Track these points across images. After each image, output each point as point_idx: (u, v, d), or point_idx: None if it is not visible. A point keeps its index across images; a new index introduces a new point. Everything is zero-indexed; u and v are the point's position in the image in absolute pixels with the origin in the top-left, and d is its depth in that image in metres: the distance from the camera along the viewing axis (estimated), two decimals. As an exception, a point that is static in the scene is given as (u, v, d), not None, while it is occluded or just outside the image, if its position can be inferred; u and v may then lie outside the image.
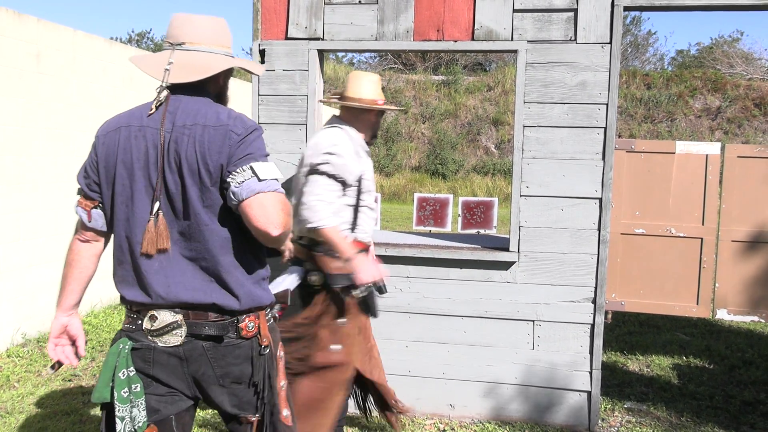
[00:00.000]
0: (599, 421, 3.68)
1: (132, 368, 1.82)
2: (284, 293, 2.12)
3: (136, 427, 1.81)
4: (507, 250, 3.58)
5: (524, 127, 3.51)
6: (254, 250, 1.90)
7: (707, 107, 20.65)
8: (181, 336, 1.83)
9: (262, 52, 3.70)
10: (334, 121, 2.97)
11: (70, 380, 4.20)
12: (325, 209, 2.70)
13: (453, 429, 3.56)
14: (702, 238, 3.43)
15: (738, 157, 3.40)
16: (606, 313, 3.55)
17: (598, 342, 3.50)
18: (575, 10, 3.44)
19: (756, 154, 3.38)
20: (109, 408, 1.84)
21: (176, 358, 1.84)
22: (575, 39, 3.45)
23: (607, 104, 3.42)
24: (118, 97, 6.04)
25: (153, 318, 1.83)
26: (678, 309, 3.48)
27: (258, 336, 1.89)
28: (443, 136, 20.05)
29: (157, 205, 1.80)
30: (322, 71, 3.75)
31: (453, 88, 21.73)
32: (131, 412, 1.80)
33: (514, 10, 3.49)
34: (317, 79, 3.67)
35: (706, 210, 3.43)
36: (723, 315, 3.46)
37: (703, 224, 3.44)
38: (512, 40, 3.50)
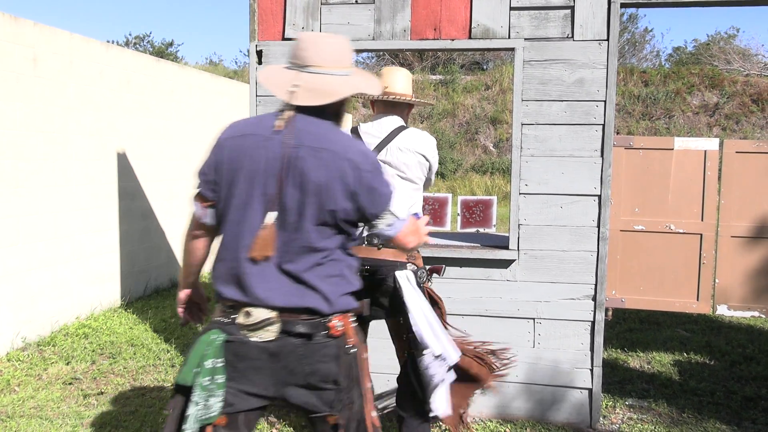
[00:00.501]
0: (601, 419, 3.68)
1: (221, 360, 1.92)
2: (363, 304, 2.21)
3: (209, 415, 1.90)
4: (507, 248, 3.58)
5: (522, 125, 3.51)
6: (350, 265, 2.05)
7: (705, 104, 20.66)
8: (275, 332, 1.92)
9: (259, 53, 3.70)
10: (396, 116, 2.98)
11: (70, 383, 4.19)
12: None
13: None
14: (701, 234, 3.43)
15: (736, 152, 3.40)
16: (606, 310, 3.55)
17: (599, 339, 3.50)
18: (572, 8, 3.44)
19: (754, 149, 3.38)
20: (187, 393, 1.94)
21: (266, 353, 1.93)
22: (572, 36, 3.45)
23: (605, 101, 3.42)
24: (116, 100, 6.03)
25: (248, 314, 1.92)
26: (678, 305, 3.48)
27: (344, 336, 2.00)
28: (441, 135, 20.03)
29: (272, 214, 1.91)
30: (319, 71, 3.74)
31: (451, 87, 21.73)
32: (207, 401, 1.90)
33: (511, 8, 3.49)
34: (315, 79, 3.66)
35: (706, 206, 3.43)
36: (723, 311, 3.46)
37: (702, 220, 3.43)
38: (509, 38, 3.50)
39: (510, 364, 2.96)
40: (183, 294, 2.25)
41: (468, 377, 2.85)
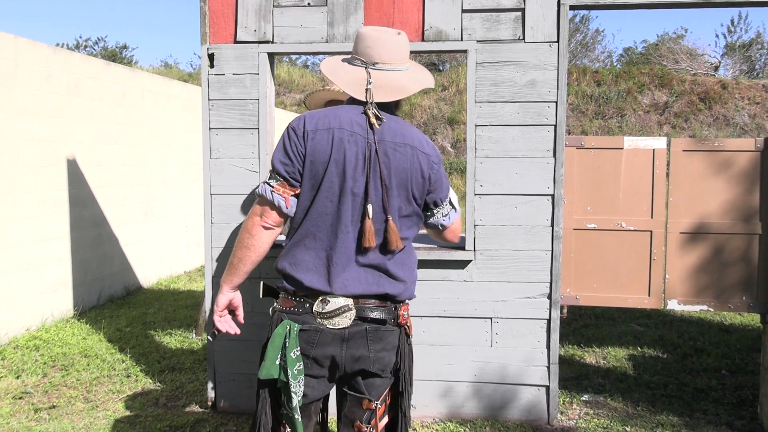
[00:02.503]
0: (558, 415, 3.73)
1: (299, 349, 1.98)
2: None
3: (302, 402, 2.00)
4: (463, 248, 3.60)
5: (476, 126, 3.54)
6: (415, 257, 2.16)
7: (655, 102, 21.19)
8: (350, 319, 1.99)
9: (211, 56, 3.64)
10: None
11: (21, 398, 4.06)
12: None
13: (415, 429, 3.57)
14: (651, 231, 3.51)
15: (683, 150, 3.48)
16: (561, 308, 3.60)
17: (555, 337, 3.55)
18: (523, 10, 3.48)
19: (700, 147, 3.47)
20: (272, 386, 2.02)
21: (339, 340, 2.00)
22: (524, 38, 3.49)
23: (556, 102, 3.47)
24: (65, 105, 5.87)
25: (325, 301, 2.00)
26: (631, 301, 3.56)
27: (407, 326, 2.11)
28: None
29: (370, 207, 1.99)
30: (273, 74, 3.71)
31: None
32: (299, 389, 1.98)
33: (463, 11, 3.51)
34: (268, 82, 3.63)
35: (655, 203, 3.51)
36: (674, 305, 3.54)
37: (652, 217, 3.51)
38: (462, 40, 3.53)
39: None
40: (225, 298, 2.19)
41: None
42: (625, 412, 3.81)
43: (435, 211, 2.18)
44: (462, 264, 3.59)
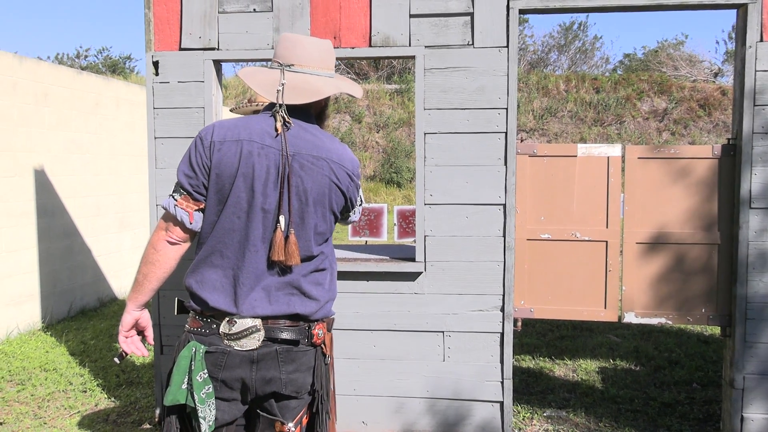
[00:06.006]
0: (516, 431, 3.60)
1: (206, 371, 1.88)
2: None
3: (212, 428, 1.89)
4: (414, 260, 3.49)
5: (426, 134, 3.43)
6: (334, 271, 2.06)
7: (654, 109, 21.03)
8: (259, 340, 1.89)
9: (155, 64, 3.56)
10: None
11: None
12: None
13: (362, 447, 3.45)
14: (607, 241, 3.39)
15: (638, 158, 3.36)
16: (515, 320, 3.48)
17: (509, 350, 3.43)
18: (471, 14, 3.38)
19: (655, 154, 3.35)
20: (180, 412, 1.91)
21: (248, 362, 1.90)
22: (473, 43, 3.39)
23: (506, 108, 3.36)
24: (32, 114, 5.81)
25: (232, 322, 1.89)
26: (586, 314, 3.43)
27: (323, 345, 2.00)
28: (397, 144, 20.02)
29: (282, 218, 1.89)
30: (220, 82, 3.62)
31: (406, 96, 21.73)
32: (208, 413, 1.87)
33: (411, 15, 3.41)
34: (214, 90, 3.54)
35: (610, 213, 3.39)
36: (631, 318, 3.41)
37: (607, 227, 3.39)
38: (410, 45, 3.43)
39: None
40: (131, 318, 2.04)
41: None
42: (586, 428, 3.68)
43: (349, 214, 2.14)
44: (412, 276, 3.48)
